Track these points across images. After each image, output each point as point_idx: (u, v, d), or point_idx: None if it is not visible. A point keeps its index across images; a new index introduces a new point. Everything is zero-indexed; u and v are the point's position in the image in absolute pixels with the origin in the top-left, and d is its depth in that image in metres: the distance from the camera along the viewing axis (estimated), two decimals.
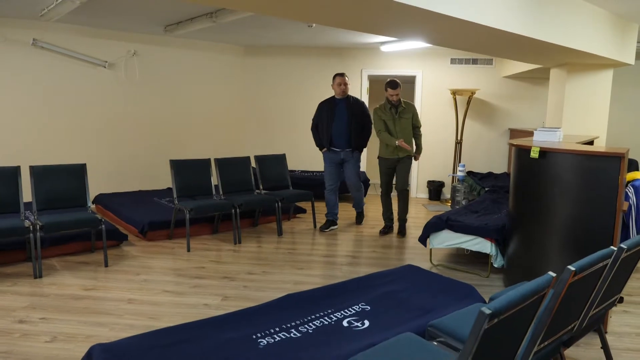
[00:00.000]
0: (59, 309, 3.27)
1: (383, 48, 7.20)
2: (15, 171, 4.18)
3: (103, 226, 4.16)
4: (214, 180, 5.31)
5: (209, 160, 5.35)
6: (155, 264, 4.27)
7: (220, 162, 5.38)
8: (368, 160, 7.99)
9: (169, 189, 6.66)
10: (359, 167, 5.69)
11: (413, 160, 5.41)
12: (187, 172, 5.16)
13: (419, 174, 7.90)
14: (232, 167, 5.46)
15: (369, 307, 2.78)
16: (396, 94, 5.21)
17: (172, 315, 3.19)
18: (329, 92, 7.78)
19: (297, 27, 5.91)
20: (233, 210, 4.97)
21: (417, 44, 6.37)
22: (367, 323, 2.57)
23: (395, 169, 5.36)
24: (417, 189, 7.95)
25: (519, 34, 3.66)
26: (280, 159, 5.92)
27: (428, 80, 7.69)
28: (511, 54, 5.15)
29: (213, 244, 4.96)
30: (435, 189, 7.74)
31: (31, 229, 3.86)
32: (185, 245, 4.79)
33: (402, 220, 5.49)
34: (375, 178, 8.53)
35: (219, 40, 7.23)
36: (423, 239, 4.50)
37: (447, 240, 4.35)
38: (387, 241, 5.22)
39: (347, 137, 5.48)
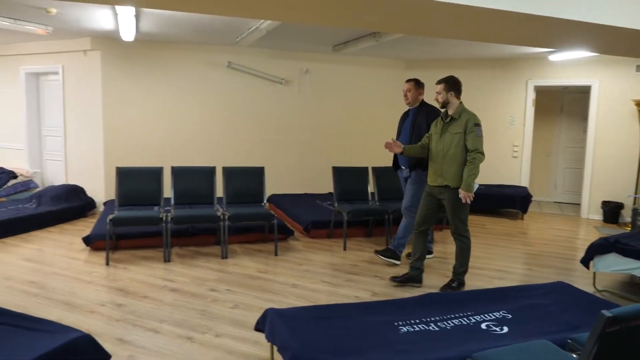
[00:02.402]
0: (240, 284, 4.00)
1: (551, 57, 6.81)
2: (211, 171, 5.17)
3: (275, 221, 4.88)
4: (371, 187, 5.72)
5: (366, 168, 5.78)
6: (315, 258, 4.83)
7: (377, 171, 5.76)
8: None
9: (330, 193, 7.30)
10: (415, 189, 4.48)
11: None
12: (347, 178, 5.66)
13: (592, 193, 7.21)
14: (387, 175, 5.78)
15: (511, 316, 2.82)
16: (437, 92, 3.99)
17: (327, 301, 3.65)
18: (493, 104, 7.67)
19: (456, 41, 6.02)
20: (386, 216, 5.30)
21: None
22: (506, 329, 2.64)
23: (442, 202, 3.92)
24: (589, 209, 7.26)
25: None
26: None
27: (606, 90, 7.00)
28: None
29: (367, 245, 5.36)
30: (610, 210, 6.98)
31: (221, 218, 4.74)
32: (342, 245, 5.27)
33: (457, 273, 3.97)
34: (537, 193, 8.06)
35: (381, 55, 7.68)
36: (586, 261, 4.21)
37: (614, 264, 4.01)
38: (545, 260, 4.98)
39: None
